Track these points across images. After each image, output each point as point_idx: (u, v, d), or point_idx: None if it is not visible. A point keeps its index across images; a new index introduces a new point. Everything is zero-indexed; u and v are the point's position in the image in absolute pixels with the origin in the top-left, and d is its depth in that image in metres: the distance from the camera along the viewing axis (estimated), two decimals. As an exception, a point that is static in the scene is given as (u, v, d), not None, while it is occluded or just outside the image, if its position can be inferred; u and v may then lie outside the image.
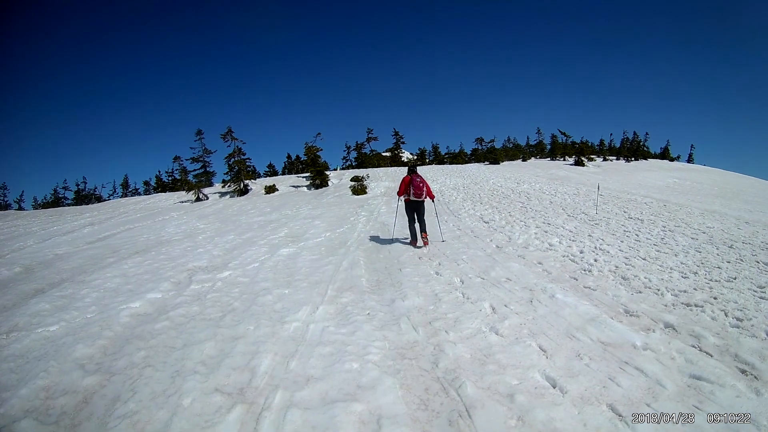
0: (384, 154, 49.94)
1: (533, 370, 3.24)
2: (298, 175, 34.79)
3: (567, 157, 46.22)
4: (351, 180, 23.11)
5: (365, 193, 19.80)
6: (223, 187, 27.79)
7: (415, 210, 7.97)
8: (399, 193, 8.13)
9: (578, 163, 40.15)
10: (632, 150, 53.48)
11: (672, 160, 58.14)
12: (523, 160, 46.29)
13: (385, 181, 23.63)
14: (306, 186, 25.65)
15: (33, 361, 3.76)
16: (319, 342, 3.89)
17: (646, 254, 6.66)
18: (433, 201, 8.43)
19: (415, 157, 53.30)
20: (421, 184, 7.84)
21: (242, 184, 26.51)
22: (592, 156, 47.68)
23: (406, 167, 34.25)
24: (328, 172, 27.67)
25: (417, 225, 8.04)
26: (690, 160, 61.27)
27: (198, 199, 24.16)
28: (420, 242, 7.95)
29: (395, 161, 47.55)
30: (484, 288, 5.24)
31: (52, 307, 5.16)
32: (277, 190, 24.79)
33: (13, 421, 2.86)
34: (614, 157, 51.81)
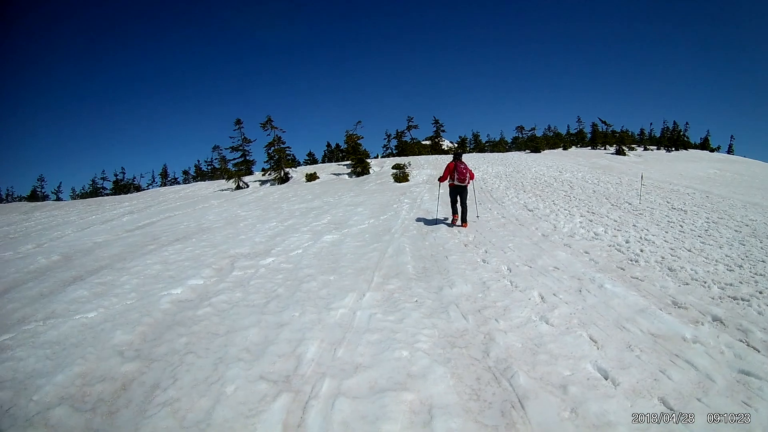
0: (424, 142, 49.43)
1: (585, 361, 3.16)
2: (339, 163, 34.77)
3: (608, 146, 45.28)
4: (392, 168, 22.95)
5: (407, 180, 19.58)
6: (263, 175, 27.75)
7: (458, 194, 8.34)
8: (442, 179, 8.47)
9: (619, 152, 39.51)
10: (672, 140, 51.72)
11: (712, 150, 55.85)
12: (564, 149, 45.67)
13: (427, 168, 23.36)
14: (347, 174, 25.53)
15: (70, 347, 3.73)
16: (366, 329, 3.84)
17: (691, 246, 6.48)
18: (473, 180, 8.69)
19: (456, 145, 52.84)
20: (464, 171, 8.16)
21: (282, 172, 26.36)
22: (632, 145, 46.52)
23: (449, 155, 34.03)
24: (368, 160, 27.41)
25: (459, 207, 8.44)
26: (730, 151, 58.73)
27: (238, 188, 24.27)
28: (459, 222, 8.46)
29: (435, 149, 47.14)
30: (531, 276, 5.12)
31: (90, 294, 5.17)
32: (318, 177, 24.68)
33: (48, 408, 2.83)
34: (655, 147, 50.34)
